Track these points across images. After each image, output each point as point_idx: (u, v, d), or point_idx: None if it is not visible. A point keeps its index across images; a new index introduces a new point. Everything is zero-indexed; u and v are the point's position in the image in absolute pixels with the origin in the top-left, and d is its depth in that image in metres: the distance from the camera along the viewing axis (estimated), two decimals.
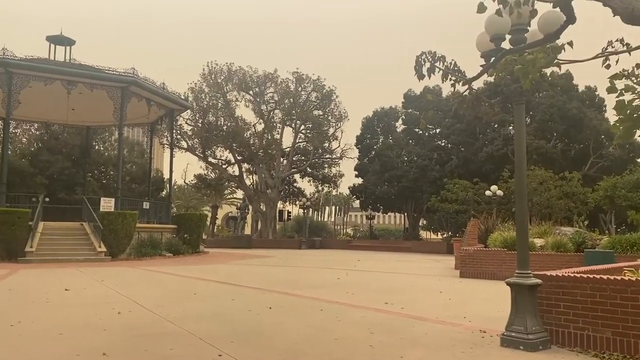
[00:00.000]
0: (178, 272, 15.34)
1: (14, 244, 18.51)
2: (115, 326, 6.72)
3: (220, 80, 41.37)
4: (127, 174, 36.27)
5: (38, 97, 23.17)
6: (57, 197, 30.55)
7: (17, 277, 13.21)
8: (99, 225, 19.86)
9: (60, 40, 24.97)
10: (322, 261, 22.23)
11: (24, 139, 37.07)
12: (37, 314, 7.54)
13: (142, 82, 23.07)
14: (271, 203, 44.01)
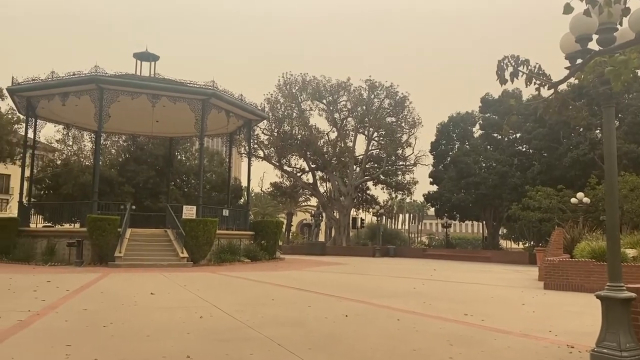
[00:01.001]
0: (256, 278, 15.70)
1: (104, 249, 19.73)
2: (198, 330, 6.97)
3: (295, 91, 42.14)
4: (207, 182, 37.64)
5: (125, 111, 24.60)
6: (142, 204, 32.27)
7: (107, 280, 14.05)
8: (181, 232, 20.73)
9: (145, 56, 26.44)
10: (397, 270, 21.96)
11: (113, 150, 39.53)
12: (127, 316, 7.97)
13: (222, 94, 23.93)
14: (344, 210, 44.11)
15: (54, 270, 17.14)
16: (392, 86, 42.78)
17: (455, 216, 44.71)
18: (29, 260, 20.14)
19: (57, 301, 9.45)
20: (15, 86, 23.45)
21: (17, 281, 13.14)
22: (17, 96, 24.48)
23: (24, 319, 7.41)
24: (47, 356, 5.43)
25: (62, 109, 24.27)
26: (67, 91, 22.60)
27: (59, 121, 28.99)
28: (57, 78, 22.45)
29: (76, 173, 34.39)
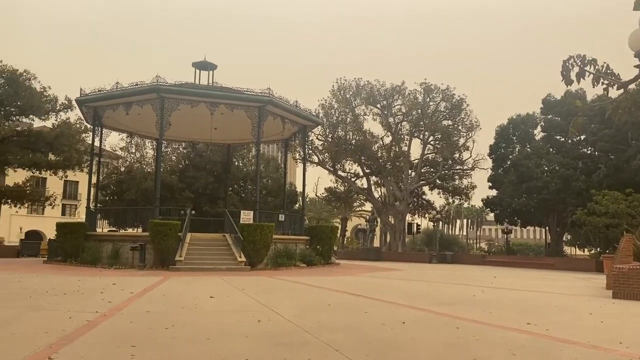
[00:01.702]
0: (312, 282, 15.75)
1: (166, 253, 20.37)
2: (256, 334, 7.05)
3: (349, 96, 42.20)
4: (263, 187, 38.24)
5: (185, 119, 25.37)
6: (201, 210, 33.16)
7: (169, 283, 14.48)
8: (239, 237, 21.12)
9: (204, 65, 27.19)
10: (455, 276, 21.47)
11: (173, 157, 40.87)
12: (188, 319, 8.17)
13: (277, 101, 24.27)
14: (400, 216, 43.64)
15: (118, 273, 17.86)
16: (449, 89, 42.09)
17: (516, 222, 43.26)
18: (95, 263, 21.08)
19: (122, 303, 9.82)
20: (83, 97, 24.69)
21: (85, 283, 13.77)
22: (85, 107, 25.74)
23: (92, 320, 7.74)
24: (113, 356, 5.63)
25: (125, 118, 25.32)
26: (130, 101, 23.57)
27: (123, 130, 30.25)
28: (121, 88, 23.44)
29: (139, 179, 35.82)
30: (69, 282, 13.90)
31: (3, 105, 31.89)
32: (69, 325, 7.26)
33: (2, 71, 32.14)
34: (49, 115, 33.90)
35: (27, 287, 12.66)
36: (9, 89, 31.59)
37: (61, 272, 18.33)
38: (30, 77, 32.63)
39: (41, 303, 9.69)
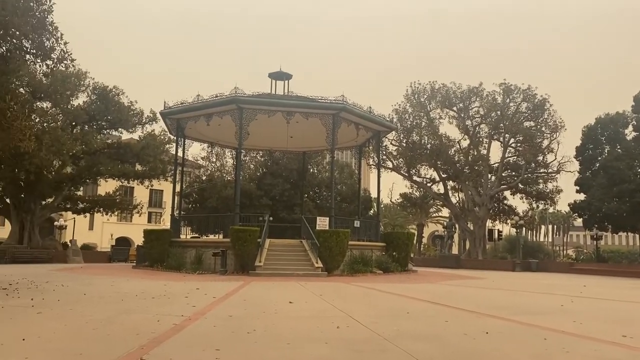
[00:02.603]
0: (389, 289, 15.59)
1: (246, 259, 20.94)
2: (335, 340, 7.07)
3: (424, 99, 41.52)
4: (338, 194, 38.39)
5: (262, 128, 26.02)
6: (278, 216, 33.78)
7: (249, 288, 14.85)
8: (315, 243, 21.32)
9: (279, 75, 27.79)
10: (541, 285, 20.46)
11: (251, 165, 42.01)
12: (268, 324, 8.33)
13: (351, 107, 24.34)
14: (479, 222, 42.27)
15: (201, 278, 18.55)
16: (530, 88, 40.32)
17: (606, 227, 40.52)
18: (179, 268, 22.02)
19: (206, 307, 10.17)
20: (166, 110, 25.97)
21: (171, 288, 14.41)
22: (169, 119, 27.05)
23: (178, 323, 8.08)
24: (199, 358, 5.84)
25: (206, 128, 26.34)
26: (211, 112, 24.51)
27: (204, 140, 31.49)
28: (202, 100, 24.43)
29: (219, 187, 37.13)
30: (156, 287, 14.61)
31: (95, 119, 34.20)
32: (158, 327, 7.62)
33: (94, 88, 34.53)
34: (136, 127, 36.06)
35: (119, 291, 13.44)
36: (100, 105, 33.88)
37: (148, 276, 19.32)
38: (119, 92, 34.85)
39: (132, 306, 10.24)
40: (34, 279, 16.72)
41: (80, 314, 8.99)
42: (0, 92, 13.25)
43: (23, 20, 11.79)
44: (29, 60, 14.67)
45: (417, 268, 29.01)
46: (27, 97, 22.50)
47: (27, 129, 14.88)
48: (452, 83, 41.33)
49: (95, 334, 7.12)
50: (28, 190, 32.79)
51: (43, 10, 12.55)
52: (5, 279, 16.09)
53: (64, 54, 13.76)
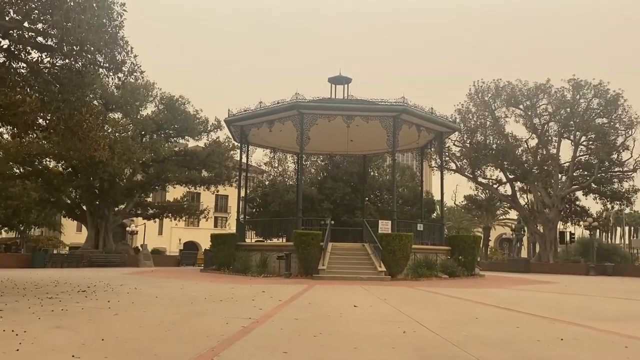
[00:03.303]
0: (455, 294, 15.23)
1: (309, 262, 21.10)
2: (402, 344, 6.97)
3: (488, 98, 40.37)
4: (400, 197, 38.02)
5: (323, 132, 26.19)
6: (340, 220, 33.85)
7: (313, 292, 14.93)
8: (378, 246, 21.18)
9: (339, 80, 27.90)
10: (619, 290, 19.35)
11: (312, 170, 42.36)
12: (334, 327, 8.33)
13: (412, 109, 24.06)
14: (550, 224, 40.54)
15: (266, 281, 18.84)
16: (601, 84, 38.31)
17: None
18: (245, 271, 22.50)
19: (272, 310, 10.31)
20: (230, 117, 26.66)
21: (238, 291, 14.73)
22: (233, 126, 27.75)
23: (246, 326, 8.23)
24: None
25: (269, 134, 26.81)
26: (272, 119, 24.94)
27: (266, 146, 32.07)
28: (264, 107, 24.91)
29: (282, 192, 37.67)
30: (223, 290, 14.98)
31: (163, 128, 35.61)
32: (227, 330, 7.79)
33: (161, 98, 35.99)
34: (201, 135, 37.28)
35: (189, 293, 13.88)
36: (167, 114, 35.24)
37: (216, 280, 19.84)
38: (185, 101, 36.13)
39: (201, 309, 10.54)
40: (109, 282, 17.57)
41: (153, 315, 9.35)
42: (77, 105, 14.04)
43: (97, 37, 12.45)
44: (102, 74, 15.50)
45: (484, 272, 28.20)
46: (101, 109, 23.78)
47: (101, 139, 15.71)
48: (517, 80, 39.96)
49: (168, 336, 7.37)
50: (102, 198, 34.56)
51: (114, 26, 13.19)
52: (83, 282, 17.01)
53: (134, 67, 14.43)
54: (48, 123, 14.86)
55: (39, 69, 13.76)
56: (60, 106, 13.54)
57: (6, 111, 12.95)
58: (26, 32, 13.15)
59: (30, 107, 12.99)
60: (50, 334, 7.21)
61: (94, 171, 30.38)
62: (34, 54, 13.88)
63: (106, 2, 12.73)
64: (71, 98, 13.69)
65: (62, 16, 11.64)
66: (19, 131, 14.87)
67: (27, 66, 13.97)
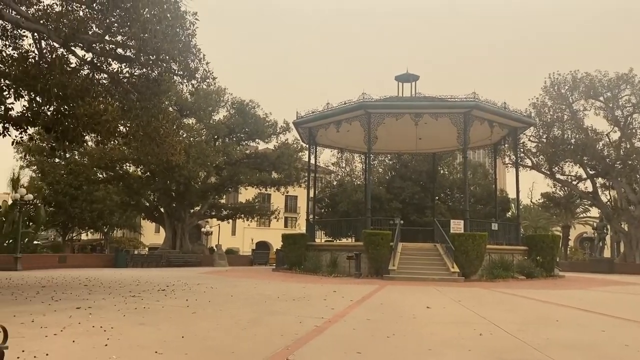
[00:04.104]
0: (534, 296, 14.62)
1: (379, 262, 20.98)
2: (479, 347, 6.78)
3: (564, 91, 38.45)
4: (472, 195, 36.99)
5: (390, 131, 25.95)
6: (409, 219, 33.43)
7: (384, 292, 14.83)
8: (450, 246, 20.71)
9: (406, 77, 27.56)
10: None
11: (380, 169, 42.11)
12: (407, 328, 8.24)
13: (484, 104, 23.36)
14: (635, 222, 38.01)
15: (337, 281, 18.91)
16: None
17: None
18: (316, 271, 22.70)
19: (344, 310, 10.34)
20: (299, 119, 27.00)
21: (309, 290, 14.88)
22: (301, 128, 28.08)
23: (319, 325, 8.30)
24: None
25: (336, 135, 26.91)
26: (340, 119, 25.00)
27: (334, 146, 32.20)
28: (331, 108, 25.02)
29: (350, 192, 37.73)
30: (295, 289, 15.19)
31: (234, 132, 36.65)
32: (300, 329, 7.90)
33: (232, 102, 37.04)
34: (271, 137, 38.04)
35: (262, 292, 14.18)
36: (238, 118, 36.23)
37: (288, 279, 20.15)
38: (255, 105, 36.98)
39: (275, 308, 10.74)
40: (187, 281, 18.28)
41: (229, 314, 9.63)
42: (154, 112, 14.72)
43: (171, 46, 12.98)
44: (177, 81, 16.16)
45: (563, 273, 26.90)
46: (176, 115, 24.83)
47: (177, 144, 16.39)
48: (596, 71, 37.77)
49: (244, 334, 7.56)
50: (178, 200, 36.03)
51: (188, 35, 13.71)
52: (163, 281, 17.80)
53: (207, 73, 14.93)
54: (128, 130, 15.69)
55: (119, 79, 14.55)
56: (139, 114, 14.25)
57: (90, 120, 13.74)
58: (107, 44, 13.95)
59: (112, 115, 13.75)
60: (135, 331, 7.59)
61: (170, 175, 31.72)
62: (114, 65, 14.71)
63: (179, 12, 13.25)
64: (148, 105, 14.37)
65: (139, 28, 12.24)
66: (102, 138, 15.78)
67: (108, 77, 14.81)
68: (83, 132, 14.33)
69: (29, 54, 13.95)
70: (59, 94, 12.98)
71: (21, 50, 14.20)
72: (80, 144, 16.10)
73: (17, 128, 14.67)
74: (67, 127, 13.84)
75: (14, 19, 12.81)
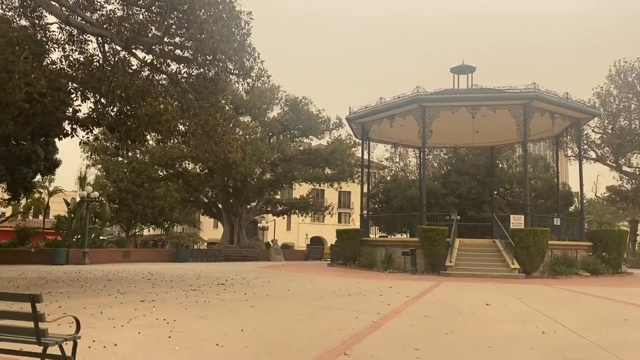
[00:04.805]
0: (599, 293, 14.00)
1: (435, 258, 20.66)
2: (542, 345, 6.58)
3: (632, 79, 36.46)
4: (532, 189, 35.75)
5: (446, 125, 25.43)
6: (466, 215, 32.69)
7: (441, 289, 14.60)
8: (510, 242, 20.13)
9: (462, 69, 26.92)
10: None
11: (435, 164, 41.41)
12: (466, 326, 8.09)
13: (545, 95, 22.51)
14: None
15: (392, 277, 18.79)
16: None
17: None
18: (371, 266, 22.64)
19: (400, 306, 10.27)
20: (352, 115, 26.93)
21: (365, 286, 14.87)
22: (354, 123, 28.01)
23: (376, 321, 8.28)
24: (400, 357, 5.91)
25: (389, 129, 26.66)
26: (393, 114, 24.74)
27: (387, 141, 31.93)
28: (385, 103, 24.80)
29: (404, 187, 37.31)
30: (350, 284, 15.21)
31: (288, 129, 37.02)
32: (357, 324, 7.91)
33: (286, 100, 37.42)
34: (324, 134, 38.20)
35: (318, 287, 14.29)
36: (292, 115, 36.57)
37: (342, 274, 20.21)
38: (308, 102, 37.21)
39: (331, 302, 10.80)
40: (245, 275, 18.67)
41: (286, 308, 9.76)
42: (212, 110, 15.08)
43: (227, 45, 13.25)
44: (233, 80, 16.48)
45: (631, 270, 25.61)
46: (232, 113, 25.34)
47: (234, 141, 16.74)
48: None
49: (301, 328, 7.66)
50: (235, 196, 36.80)
51: (243, 34, 13.95)
52: (222, 275, 18.25)
53: (261, 72, 15.16)
54: (187, 128, 16.14)
55: (177, 79, 15.00)
56: (197, 113, 14.64)
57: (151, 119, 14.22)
58: (166, 46, 14.40)
59: (171, 115, 14.17)
60: (196, 323, 7.84)
61: (227, 172, 32.42)
62: (172, 65, 15.18)
63: (234, 12, 13.49)
64: (206, 104, 14.74)
65: (196, 29, 12.57)
66: (163, 137, 16.29)
67: (167, 77, 15.31)
68: (145, 131, 14.86)
69: (93, 58, 14.62)
70: (122, 95, 13.51)
71: (86, 54, 14.91)
72: (142, 143, 16.69)
73: (83, 129, 15.43)
74: (129, 127, 14.40)
75: (80, 25, 13.44)
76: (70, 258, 25.83)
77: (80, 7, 13.96)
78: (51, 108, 13.57)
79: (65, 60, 14.46)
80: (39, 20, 14.48)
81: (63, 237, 30.58)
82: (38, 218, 43.03)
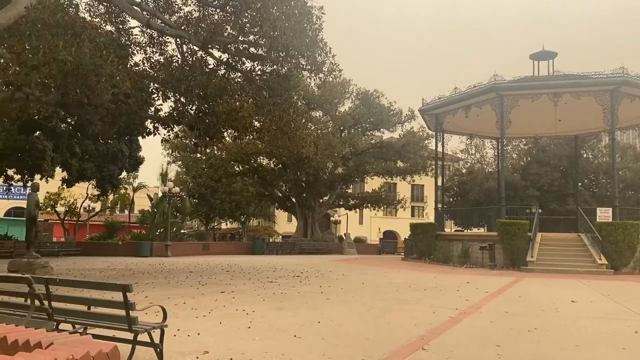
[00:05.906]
0: None
1: (515, 253, 19.91)
2: (634, 345, 6.19)
3: None
4: (621, 180, 33.60)
5: (525, 114, 24.37)
6: (548, 208, 31.25)
7: (523, 285, 14.06)
8: (596, 237, 19.03)
9: (542, 55, 25.64)
10: None
11: (514, 155, 39.85)
12: (549, 323, 7.74)
13: (634, 79, 21.01)
14: None
15: (469, 272, 18.31)
16: None
17: None
18: (446, 261, 22.19)
19: (479, 302, 9.98)
20: (425, 106, 26.42)
21: (441, 280, 14.60)
22: (427, 115, 27.46)
23: (454, 316, 8.11)
24: (480, 354, 5.75)
25: (464, 120, 25.92)
26: (469, 104, 24.01)
27: (462, 133, 31.05)
28: (460, 93, 24.11)
29: (480, 180, 36.20)
30: (426, 279, 14.99)
31: (359, 122, 36.95)
32: (434, 319, 7.78)
33: (357, 93, 37.33)
34: (396, 126, 37.78)
35: (392, 281, 14.20)
36: (363, 108, 36.45)
37: (417, 268, 19.94)
38: (379, 95, 36.93)
39: (406, 297, 10.69)
40: (319, 268, 18.88)
41: (361, 301, 9.78)
42: (285, 106, 15.31)
43: (299, 41, 13.39)
44: (305, 76, 16.64)
45: None
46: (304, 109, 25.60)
47: (307, 136, 16.90)
48: None
49: (377, 321, 7.64)
50: (308, 190, 37.26)
51: (314, 30, 14.03)
52: (297, 268, 18.56)
53: (333, 67, 15.18)
54: (261, 125, 16.50)
55: (252, 76, 15.35)
56: (271, 109, 14.93)
57: (228, 117, 14.68)
58: (240, 44, 14.77)
59: (247, 111, 14.54)
60: (274, 315, 8.02)
61: (300, 166, 32.88)
62: (247, 63, 15.55)
63: (306, 8, 13.60)
64: (279, 101, 14.99)
65: (269, 26, 12.78)
66: (239, 134, 16.75)
67: (242, 75, 15.71)
68: (222, 128, 15.37)
69: (173, 59, 15.28)
70: (200, 94, 14.05)
71: (166, 55, 15.60)
72: (220, 139, 17.27)
73: (165, 127, 16.18)
74: (208, 125, 14.92)
75: (160, 27, 14.06)
76: (154, 251, 27.23)
77: (159, 10, 14.60)
78: (135, 108, 14.34)
79: (147, 61, 15.22)
80: (122, 25, 15.30)
81: (147, 231, 32.29)
82: (124, 213, 45.63)
